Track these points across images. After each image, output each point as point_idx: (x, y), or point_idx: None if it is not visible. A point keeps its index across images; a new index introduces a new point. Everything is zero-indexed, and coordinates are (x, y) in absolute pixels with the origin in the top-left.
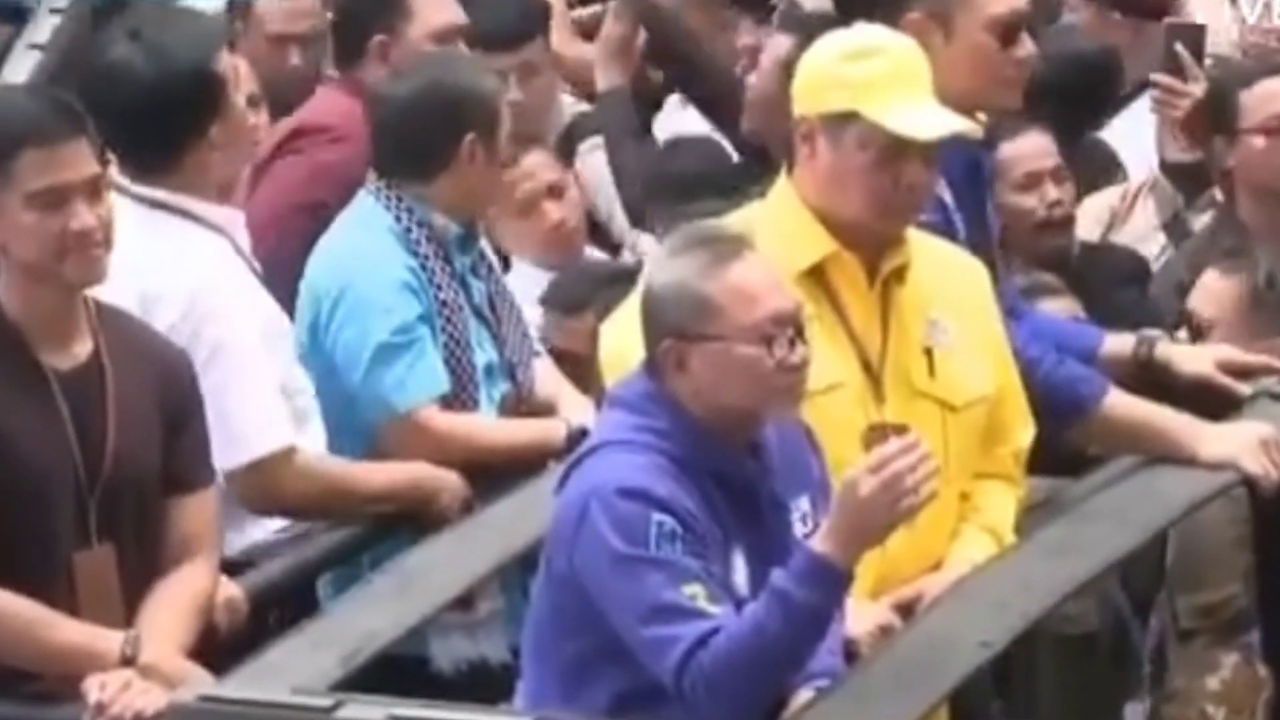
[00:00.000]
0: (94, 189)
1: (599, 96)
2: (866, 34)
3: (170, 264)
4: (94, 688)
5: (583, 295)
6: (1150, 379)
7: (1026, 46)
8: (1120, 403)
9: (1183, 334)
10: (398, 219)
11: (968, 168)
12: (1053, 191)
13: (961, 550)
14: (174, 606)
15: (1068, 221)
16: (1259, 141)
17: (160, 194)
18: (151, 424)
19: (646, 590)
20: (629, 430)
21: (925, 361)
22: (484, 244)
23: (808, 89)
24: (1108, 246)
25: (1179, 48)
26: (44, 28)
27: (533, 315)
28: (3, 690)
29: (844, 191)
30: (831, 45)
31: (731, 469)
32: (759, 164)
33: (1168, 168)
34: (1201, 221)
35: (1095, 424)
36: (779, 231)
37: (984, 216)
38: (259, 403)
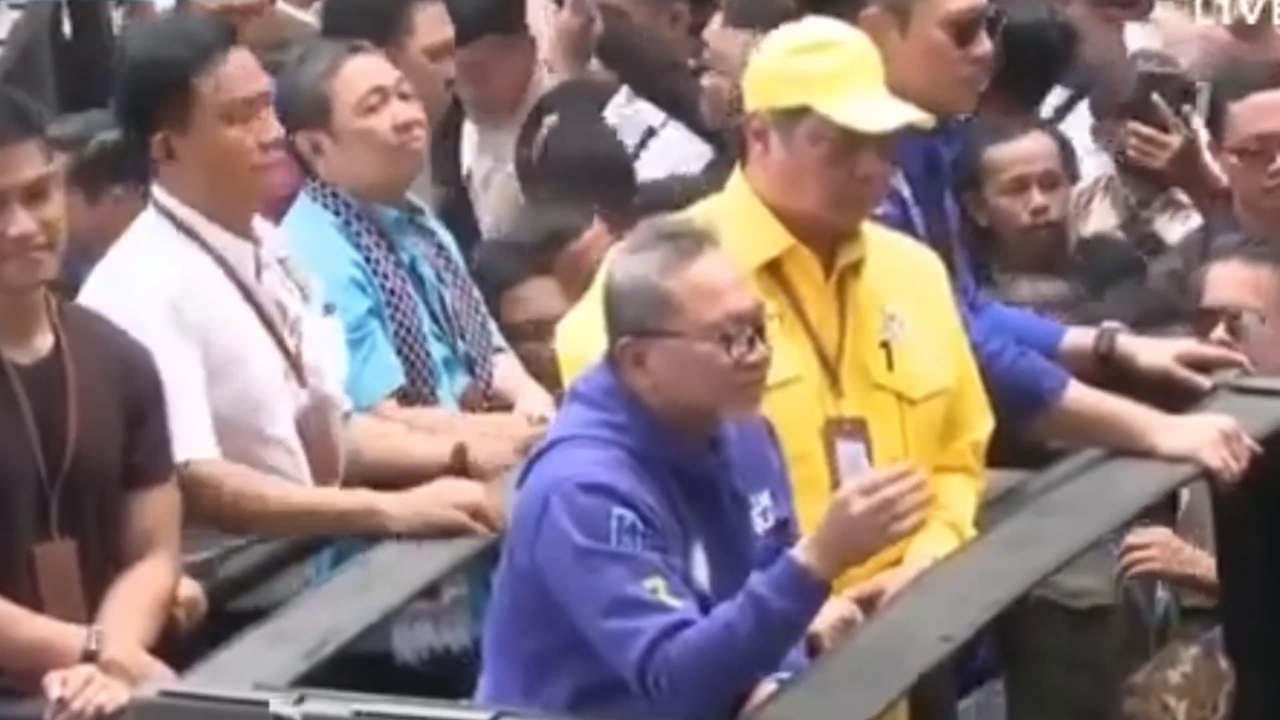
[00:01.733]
0: (36, 192)
1: (556, 88)
2: (817, 28)
3: (124, 280)
4: (55, 683)
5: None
6: (1111, 372)
7: (983, 45)
8: (1081, 396)
9: (1219, 331)
10: (336, 213)
11: (926, 161)
12: (1038, 197)
13: (922, 545)
14: (135, 601)
15: (1054, 226)
16: (1234, 160)
17: (171, 203)
18: (112, 418)
19: (607, 584)
20: (589, 425)
21: (883, 355)
22: (440, 232)
23: (758, 84)
24: (1101, 238)
25: (1156, 98)
26: (2, 24)
27: None
28: None
29: (799, 186)
30: (782, 40)
31: (691, 464)
32: (723, 156)
33: (1122, 167)
34: (1162, 222)
35: (1056, 417)
36: (735, 226)
37: (942, 210)
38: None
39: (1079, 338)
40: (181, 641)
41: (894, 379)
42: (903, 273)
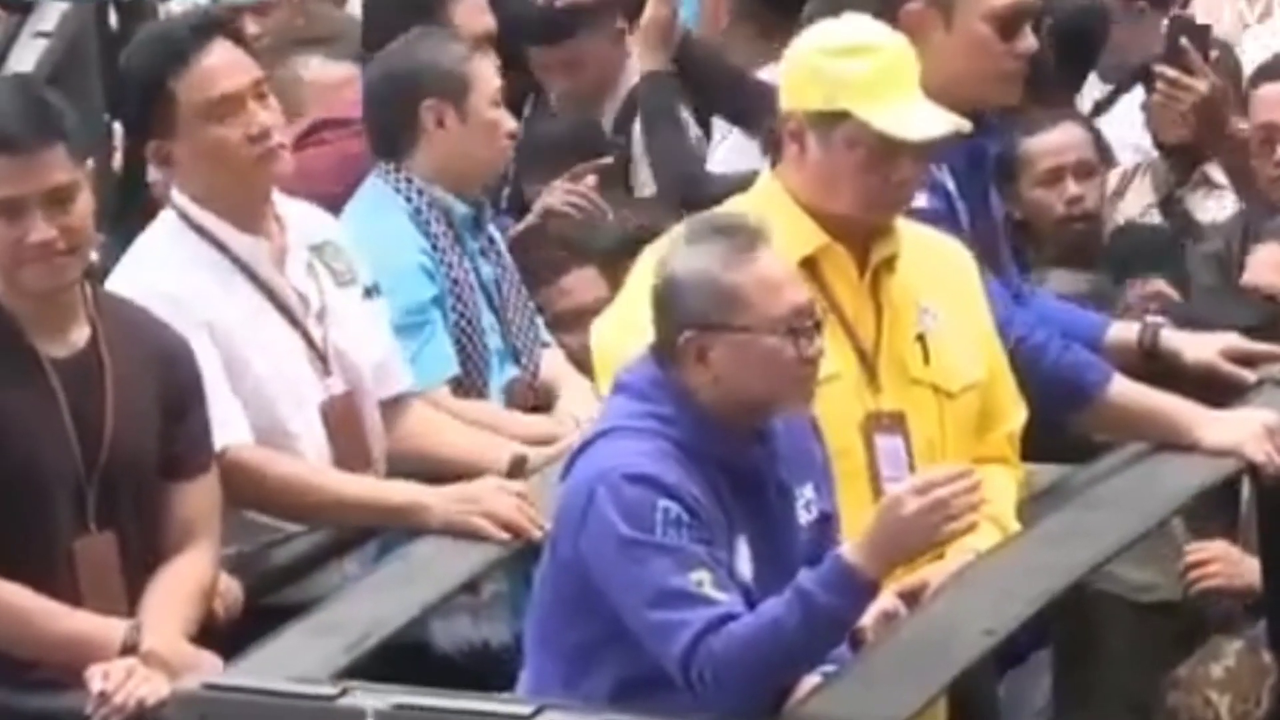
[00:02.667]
0: (59, 198)
1: (640, 79)
2: (854, 29)
3: (130, 279)
4: (97, 677)
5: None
6: (1155, 366)
7: (1028, 40)
8: (1125, 389)
9: None
10: (408, 199)
11: (970, 155)
12: (1073, 187)
13: (966, 539)
14: (176, 592)
15: (1089, 217)
16: (1254, 145)
17: (185, 203)
18: (150, 410)
19: (653, 575)
20: (635, 416)
21: (919, 349)
22: (493, 230)
23: (795, 85)
24: (1138, 226)
25: (1184, 41)
26: (50, 16)
27: None
28: (6, 679)
29: (834, 188)
30: (819, 40)
31: (737, 456)
32: None
33: (1164, 148)
34: (1194, 200)
35: (1100, 410)
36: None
37: (987, 203)
38: None
39: (1123, 331)
40: (220, 635)
41: (931, 373)
42: (935, 266)
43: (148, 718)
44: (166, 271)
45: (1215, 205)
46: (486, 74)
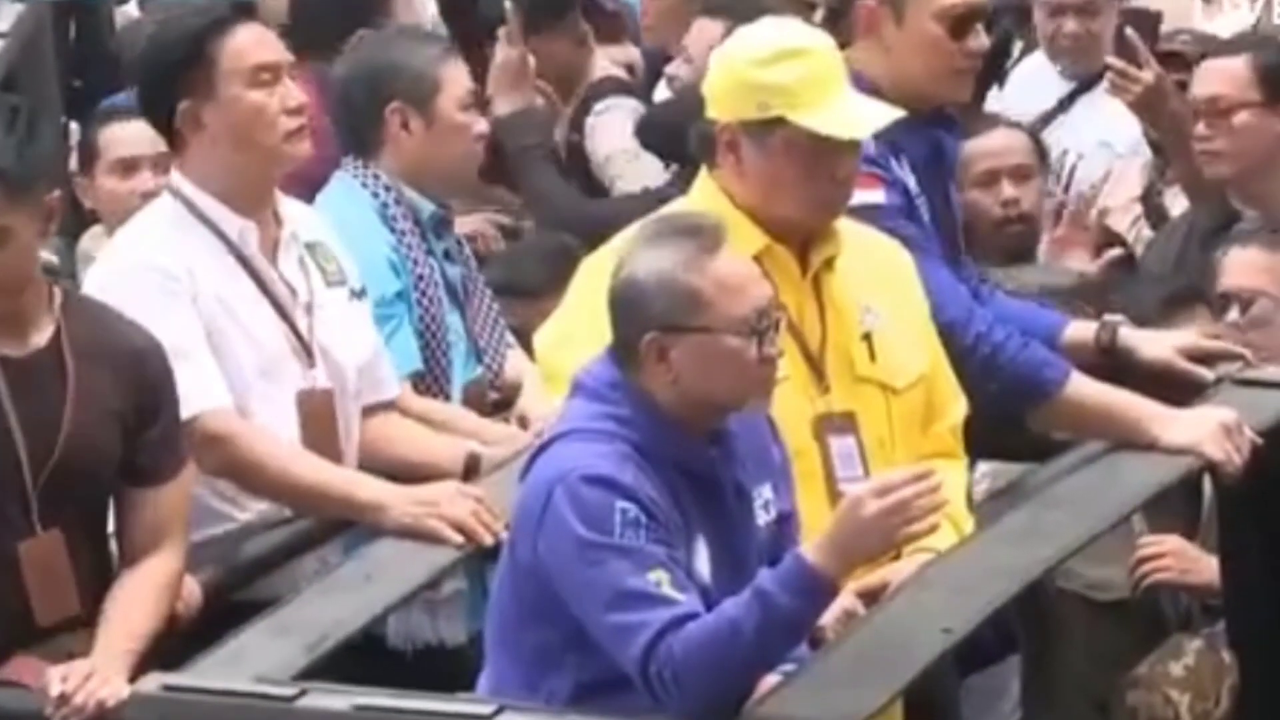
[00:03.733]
0: None
1: (500, 122)
2: (777, 34)
3: (117, 253)
4: (55, 679)
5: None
6: (1113, 365)
7: (979, 39)
8: (1084, 387)
9: (1234, 315)
10: (375, 195)
11: (931, 150)
12: (1009, 190)
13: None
14: (138, 595)
15: (1025, 219)
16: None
17: (184, 186)
18: (112, 414)
19: (611, 577)
20: (593, 418)
21: (865, 347)
22: (460, 234)
23: (725, 95)
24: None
25: (1129, 32)
26: (7, 15)
27: None
28: None
29: (776, 194)
30: (744, 50)
31: (694, 457)
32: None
33: (1154, 144)
34: (1170, 195)
35: (1059, 408)
36: None
37: (948, 198)
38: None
39: (1081, 329)
40: (180, 633)
41: (877, 370)
42: (874, 263)
43: (108, 719)
44: (161, 248)
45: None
46: (457, 76)
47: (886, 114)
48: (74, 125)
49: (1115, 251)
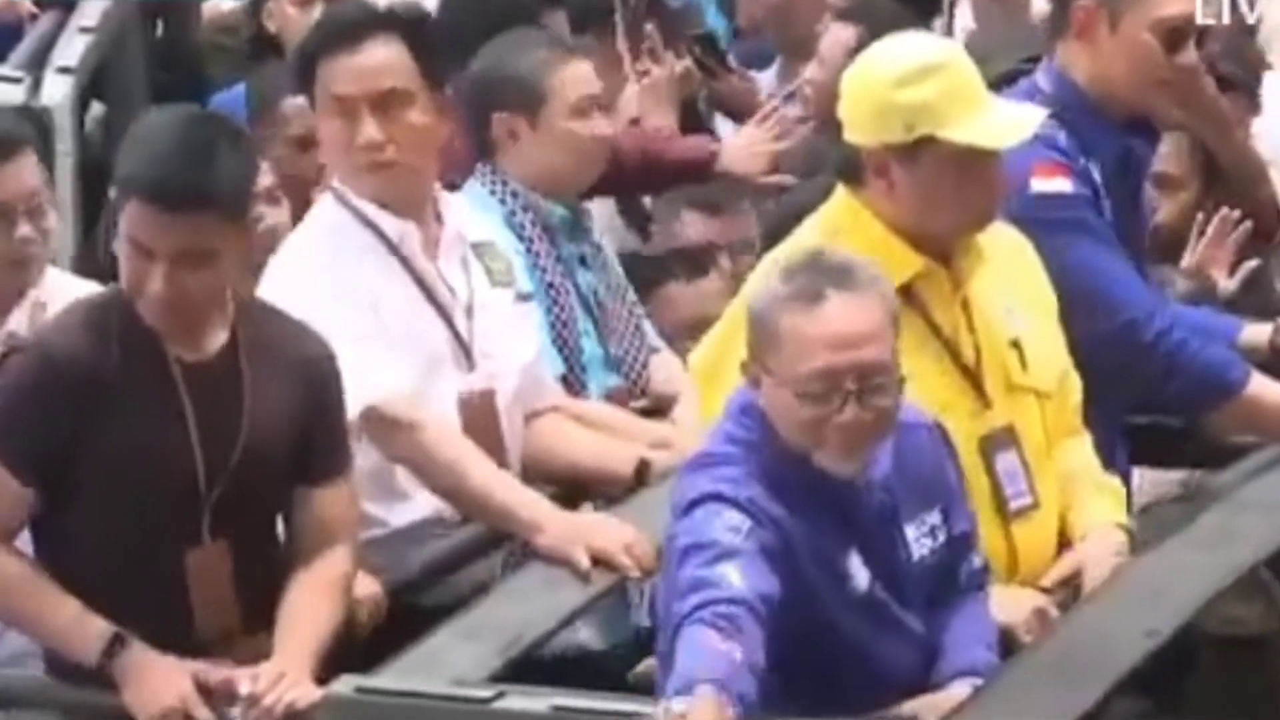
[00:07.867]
0: (192, 262)
1: None
2: (912, 51)
3: (288, 257)
4: (245, 680)
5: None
6: None
7: (1190, 54)
8: (1266, 388)
9: None
10: (502, 201)
11: (1121, 157)
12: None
13: (1090, 516)
14: (315, 596)
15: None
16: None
17: (345, 191)
18: (285, 418)
19: (687, 569)
20: (725, 442)
21: (1016, 355)
22: (600, 238)
23: (867, 120)
24: None
25: None
26: (93, 11)
27: None
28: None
29: (933, 210)
30: (880, 71)
31: (822, 484)
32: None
33: None
34: None
35: (1241, 408)
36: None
37: (1137, 207)
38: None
39: (1255, 332)
40: (361, 638)
41: (1030, 377)
42: (1004, 260)
43: None
44: (338, 261)
45: None
46: (569, 81)
47: (1036, 116)
48: None
49: (1252, 264)
